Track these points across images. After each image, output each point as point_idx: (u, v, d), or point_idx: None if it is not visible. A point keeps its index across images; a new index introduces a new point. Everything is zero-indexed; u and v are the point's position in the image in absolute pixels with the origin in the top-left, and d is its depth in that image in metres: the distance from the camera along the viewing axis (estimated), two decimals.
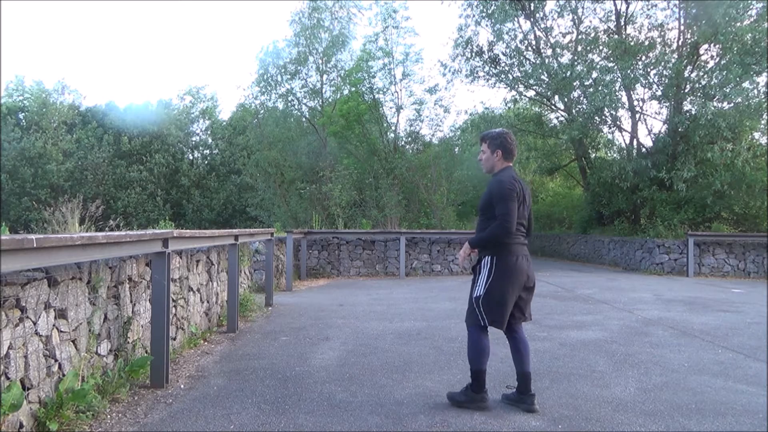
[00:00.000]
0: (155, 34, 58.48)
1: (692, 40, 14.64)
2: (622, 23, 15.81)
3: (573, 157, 20.43)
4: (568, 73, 15.22)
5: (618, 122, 16.27)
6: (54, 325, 3.17)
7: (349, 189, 17.60)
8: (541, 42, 17.38)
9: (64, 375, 3.22)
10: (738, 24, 13.21)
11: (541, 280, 11.77)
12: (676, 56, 14.51)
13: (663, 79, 14.57)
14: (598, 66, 15.26)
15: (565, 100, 16.80)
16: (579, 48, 16.15)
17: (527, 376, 3.54)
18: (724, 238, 13.07)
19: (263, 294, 8.14)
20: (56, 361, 3.17)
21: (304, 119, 22.12)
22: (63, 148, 28.02)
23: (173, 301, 4.89)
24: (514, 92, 18.69)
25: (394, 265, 12.79)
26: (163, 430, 3.16)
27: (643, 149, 15.82)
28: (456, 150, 20.36)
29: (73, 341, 3.37)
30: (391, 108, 19.14)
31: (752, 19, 13.46)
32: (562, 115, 18.54)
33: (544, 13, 16.85)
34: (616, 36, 15.37)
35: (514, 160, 3.71)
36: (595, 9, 16.34)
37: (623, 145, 17.33)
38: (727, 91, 13.13)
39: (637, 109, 15.83)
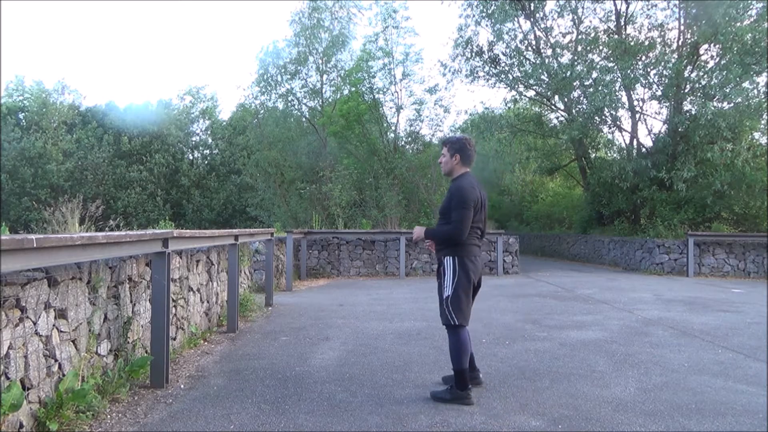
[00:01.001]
0: (155, 34, 58.51)
1: (692, 40, 14.63)
2: (622, 23, 15.80)
3: (573, 157, 20.42)
4: (568, 73, 15.21)
5: (618, 122, 16.27)
6: (54, 325, 3.17)
7: (349, 189, 17.59)
8: (541, 42, 17.39)
9: (64, 375, 3.22)
10: (738, 24, 13.20)
11: (541, 280, 11.77)
12: (676, 56, 14.50)
13: (663, 79, 14.56)
14: (598, 66, 15.25)
15: (565, 100, 16.79)
16: (579, 48, 16.14)
17: (471, 356, 3.85)
18: (724, 238, 13.07)
19: (263, 294, 8.14)
20: (56, 361, 3.17)
21: (304, 119, 22.12)
22: (63, 148, 28.03)
23: (173, 301, 4.89)
24: (514, 92, 18.69)
25: (394, 265, 12.79)
26: (163, 430, 3.16)
27: (643, 149, 15.82)
28: None
29: (73, 341, 3.37)
30: (391, 108, 19.16)
31: (752, 19, 13.45)
32: (562, 115, 18.53)
33: (544, 13, 16.85)
34: (616, 36, 15.37)
35: (473, 165, 3.89)
36: (595, 9, 16.35)
37: (623, 145, 17.34)
38: (727, 91, 13.13)
39: (637, 109, 15.84)
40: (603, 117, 15.67)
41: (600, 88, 14.25)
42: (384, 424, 3.26)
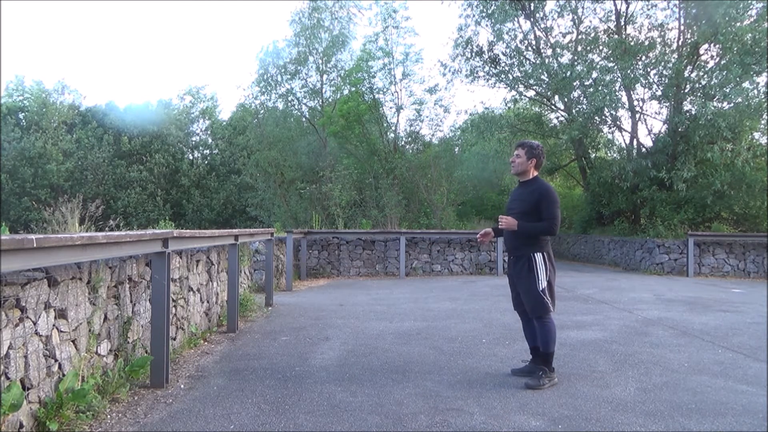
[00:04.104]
0: (155, 34, 58.49)
1: (692, 40, 14.63)
2: (622, 23, 15.80)
3: (573, 157, 20.43)
4: (568, 73, 15.21)
5: (618, 122, 16.28)
6: (54, 325, 3.17)
7: (349, 189, 17.59)
8: (541, 42, 17.39)
9: (64, 375, 3.22)
10: (738, 24, 13.20)
11: None
12: (676, 56, 14.50)
13: (663, 79, 14.56)
14: (598, 66, 15.25)
15: (565, 100, 16.79)
16: (579, 48, 16.15)
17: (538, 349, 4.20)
18: (724, 238, 13.06)
19: (263, 294, 8.14)
20: (56, 361, 3.17)
21: (304, 119, 22.12)
22: (63, 148, 28.00)
23: (173, 301, 4.89)
24: (514, 92, 18.68)
25: (394, 265, 12.79)
26: (163, 430, 3.16)
27: (643, 149, 15.82)
28: (456, 150, 20.34)
29: (73, 341, 3.37)
30: (391, 108, 19.15)
31: (752, 19, 13.45)
32: (562, 115, 18.54)
33: (544, 13, 16.85)
34: (616, 36, 15.37)
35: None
36: (595, 9, 16.36)
37: (623, 145, 17.34)
38: (727, 91, 13.12)
39: (637, 109, 15.83)
40: (603, 117, 15.67)
41: (600, 88, 14.25)
42: (384, 424, 3.26)
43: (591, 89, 14.76)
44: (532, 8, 16.42)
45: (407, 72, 18.64)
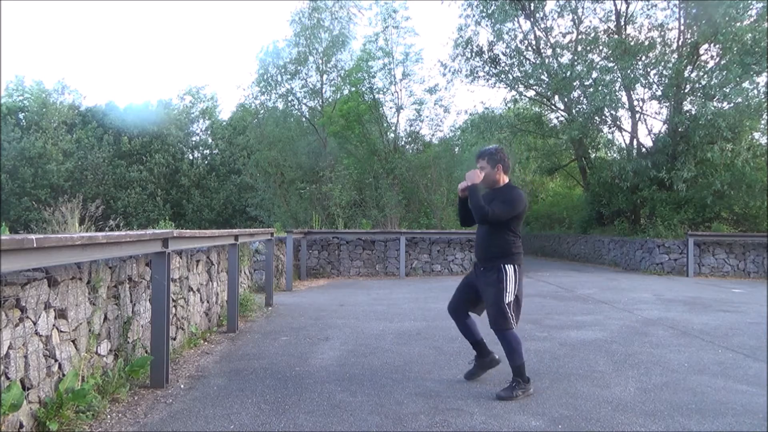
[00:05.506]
0: (155, 34, 58.47)
1: (692, 40, 14.63)
2: (622, 23, 15.80)
3: (573, 157, 20.42)
4: (568, 73, 15.21)
5: (618, 122, 16.27)
6: (54, 325, 3.17)
7: (349, 189, 17.59)
8: (541, 42, 17.38)
9: (64, 375, 3.22)
10: (738, 24, 13.19)
11: (541, 280, 11.77)
12: (676, 56, 14.50)
13: (663, 79, 14.56)
14: (598, 66, 15.25)
15: (565, 100, 16.78)
16: (579, 48, 16.14)
17: (481, 342, 4.12)
18: (724, 238, 13.06)
19: (263, 294, 8.14)
20: (56, 361, 3.17)
21: (304, 119, 22.12)
22: (63, 148, 28.01)
23: (173, 301, 4.88)
24: (514, 92, 18.67)
25: (394, 265, 12.78)
26: (163, 430, 3.16)
27: (643, 149, 15.81)
28: (456, 150, 20.32)
29: (73, 341, 3.37)
30: (391, 108, 19.14)
31: (752, 19, 13.45)
32: (562, 115, 18.52)
33: (544, 13, 16.84)
34: (616, 36, 15.36)
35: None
36: (595, 9, 16.35)
37: (623, 145, 17.32)
38: (727, 91, 13.12)
39: (637, 109, 15.83)
40: (603, 117, 15.66)
41: (600, 88, 14.24)
42: (384, 424, 3.26)
43: (591, 89, 14.75)
44: (532, 8, 16.42)
45: (407, 72, 18.65)
